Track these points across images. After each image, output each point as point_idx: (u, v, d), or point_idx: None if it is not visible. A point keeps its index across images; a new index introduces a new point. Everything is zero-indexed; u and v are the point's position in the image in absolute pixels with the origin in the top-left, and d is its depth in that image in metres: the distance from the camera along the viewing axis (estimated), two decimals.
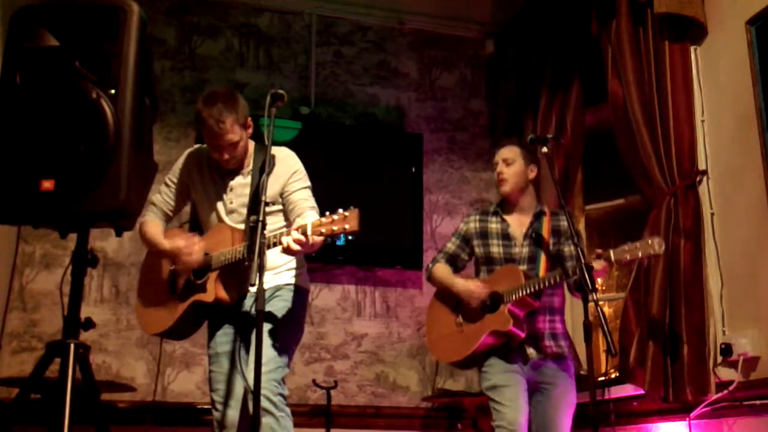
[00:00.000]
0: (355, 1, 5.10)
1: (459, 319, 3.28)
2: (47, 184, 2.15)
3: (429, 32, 5.29)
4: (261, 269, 2.44)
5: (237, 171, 2.93)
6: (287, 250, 2.56)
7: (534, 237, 3.26)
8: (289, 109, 4.75)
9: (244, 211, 2.86)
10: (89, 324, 2.23)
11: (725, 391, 3.16)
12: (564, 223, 3.26)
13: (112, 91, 2.20)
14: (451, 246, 3.41)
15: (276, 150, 2.90)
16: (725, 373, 3.25)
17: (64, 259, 4.15)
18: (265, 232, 2.56)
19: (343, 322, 4.67)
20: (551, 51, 4.53)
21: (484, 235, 3.33)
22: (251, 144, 2.96)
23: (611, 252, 2.91)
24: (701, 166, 3.52)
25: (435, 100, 5.22)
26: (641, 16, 3.73)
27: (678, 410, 3.36)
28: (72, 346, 2.15)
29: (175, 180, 3.00)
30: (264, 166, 2.72)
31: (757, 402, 3.04)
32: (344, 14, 5.13)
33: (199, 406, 4.25)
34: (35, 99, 2.21)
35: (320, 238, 2.48)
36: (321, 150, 3.09)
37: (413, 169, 4.90)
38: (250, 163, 2.93)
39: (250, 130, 2.89)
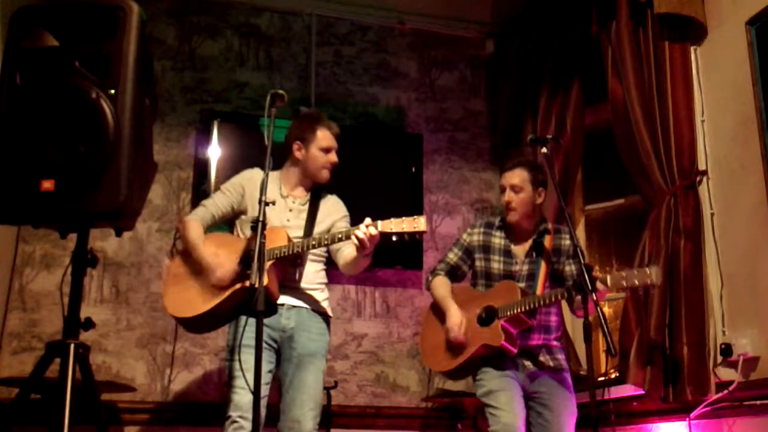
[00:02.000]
0: (355, 1, 5.10)
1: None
2: (47, 184, 2.15)
3: (429, 32, 5.29)
4: (261, 269, 2.50)
5: (299, 197, 3.22)
6: (358, 244, 2.84)
7: (536, 248, 3.25)
8: (289, 109, 4.74)
9: (299, 232, 3.11)
10: (89, 324, 2.23)
11: (725, 391, 3.16)
12: (566, 242, 3.26)
13: (112, 91, 2.20)
14: (452, 257, 3.39)
15: (331, 195, 3.35)
16: (725, 373, 3.25)
17: (64, 259, 4.16)
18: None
19: (343, 322, 4.67)
20: (551, 51, 4.53)
21: (486, 249, 3.32)
22: None
23: (608, 277, 2.88)
24: (701, 166, 3.52)
25: (435, 100, 5.22)
26: (641, 16, 3.73)
27: (678, 410, 3.36)
28: (72, 346, 2.15)
29: (232, 190, 3.19)
30: (319, 206, 3.21)
31: (757, 402, 3.04)
32: (344, 14, 5.13)
33: (200, 406, 4.26)
34: (35, 99, 2.21)
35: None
36: None
37: (413, 169, 4.90)
38: (309, 194, 3.25)
39: None
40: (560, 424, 3.11)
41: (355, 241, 2.84)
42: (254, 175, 3.21)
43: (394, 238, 2.84)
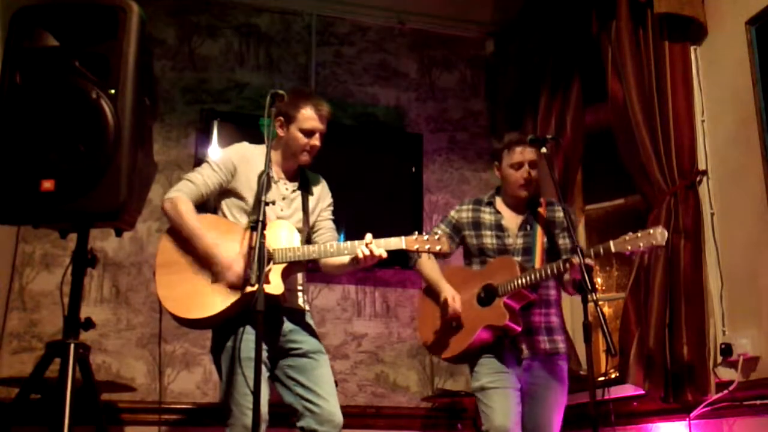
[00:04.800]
0: (355, 1, 5.10)
1: None
2: (47, 184, 2.15)
3: (429, 32, 5.29)
4: (261, 269, 2.48)
5: (289, 180, 3.06)
6: (357, 262, 2.82)
7: (530, 221, 3.22)
8: None
9: (296, 222, 2.98)
10: (89, 324, 2.23)
11: (725, 391, 3.16)
12: (559, 215, 3.24)
13: (112, 91, 2.20)
14: (440, 233, 3.17)
15: (317, 175, 3.20)
16: (725, 373, 3.25)
17: (64, 259, 4.15)
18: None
19: (343, 322, 4.67)
20: (551, 51, 4.53)
21: (476, 225, 3.28)
22: None
23: (611, 243, 2.86)
24: (701, 166, 3.52)
25: (435, 100, 5.22)
26: (641, 16, 3.73)
27: (678, 410, 3.36)
28: (72, 346, 2.15)
29: (223, 168, 2.95)
30: (310, 188, 3.08)
31: (757, 402, 3.04)
32: (344, 14, 5.13)
33: (199, 407, 4.26)
34: (35, 99, 2.21)
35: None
36: (321, 150, 3.10)
37: (413, 169, 4.90)
38: (298, 177, 3.09)
39: None
40: (547, 417, 3.09)
41: (360, 255, 2.79)
42: (245, 152, 3.01)
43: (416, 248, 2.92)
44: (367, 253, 2.78)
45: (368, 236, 2.81)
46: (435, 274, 3.27)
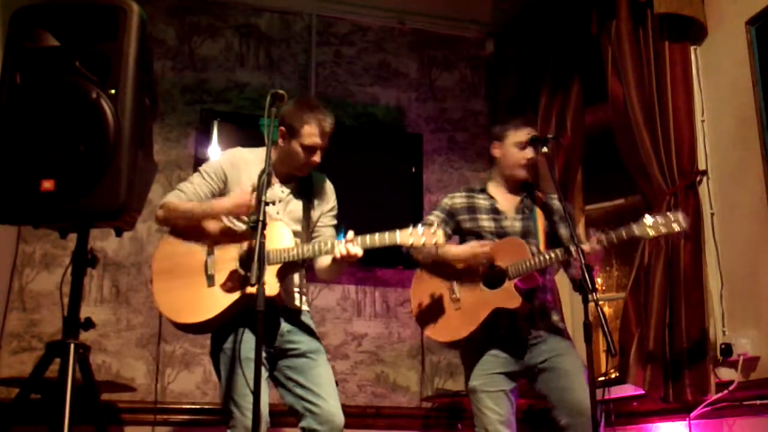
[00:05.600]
0: (355, 1, 5.10)
1: (455, 294, 3.06)
2: (47, 184, 2.15)
3: (429, 32, 5.29)
4: (261, 268, 2.47)
5: (288, 183, 3.02)
6: (342, 259, 2.76)
7: (527, 204, 3.15)
8: None
9: (294, 225, 2.95)
10: (89, 324, 2.23)
11: (725, 391, 3.17)
12: (555, 202, 3.19)
13: (112, 91, 2.20)
14: (434, 219, 3.14)
15: (321, 176, 3.14)
16: (725, 373, 3.25)
17: (64, 259, 4.15)
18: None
19: (343, 322, 4.67)
20: (551, 51, 4.53)
21: (471, 210, 3.18)
22: None
23: (634, 227, 2.78)
24: (701, 166, 3.52)
25: (435, 100, 5.22)
26: (641, 16, 3.73)
27: (678, 410, 3.36)
28: (72, 346, 2.15)
29: (213, 175, 2.96)
30: (310, 190, 3.03)
31: (757, 402, 3.04)
32: (344, 14, 5.13)
33: (199, 407, 4.26)
34: (35, 99, 2.21)
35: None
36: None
37: (413, 169, 4.90)
38: (295, 181, 3.06)
39: None
40: (576, 382, 2.91)
41: (337, 254, 2.76)
42: (237, 159, 2.98)
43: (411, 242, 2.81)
44: (344, 252, 2.76)
45: (350, 233, 2.79)
46: (443, 248, 3.05)
